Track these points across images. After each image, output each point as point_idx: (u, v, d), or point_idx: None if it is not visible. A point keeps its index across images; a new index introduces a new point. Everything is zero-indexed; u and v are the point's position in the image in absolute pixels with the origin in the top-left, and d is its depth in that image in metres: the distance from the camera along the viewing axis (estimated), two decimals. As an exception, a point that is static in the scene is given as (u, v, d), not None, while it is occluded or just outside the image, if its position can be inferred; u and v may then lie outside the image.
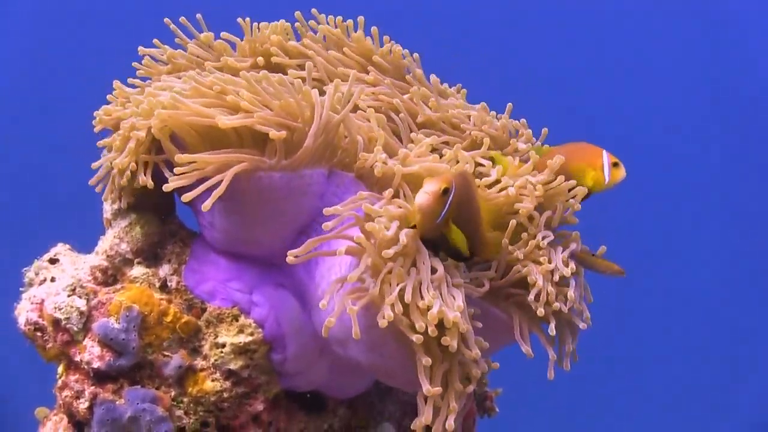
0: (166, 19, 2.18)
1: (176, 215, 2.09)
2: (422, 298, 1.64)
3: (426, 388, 1.65)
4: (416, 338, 1.62)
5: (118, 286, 1.98)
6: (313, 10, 2.28)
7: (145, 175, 1.88)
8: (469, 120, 2.17)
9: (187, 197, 1.78)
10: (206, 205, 1.75)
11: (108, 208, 2.07)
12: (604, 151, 2.07)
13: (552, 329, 1.86)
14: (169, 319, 1.92)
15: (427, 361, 1.64)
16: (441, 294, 1.67)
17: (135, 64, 2.16)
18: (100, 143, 2.01)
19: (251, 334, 1.91)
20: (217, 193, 1.73)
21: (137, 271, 1.99)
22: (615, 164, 2.07)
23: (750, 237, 7.35)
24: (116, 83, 2.05)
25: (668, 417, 6.86)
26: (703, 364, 7.06)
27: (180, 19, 2.20)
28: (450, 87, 2.30)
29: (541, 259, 1.88)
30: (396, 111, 2.15)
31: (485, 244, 1.85)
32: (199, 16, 2.20)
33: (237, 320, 1.93)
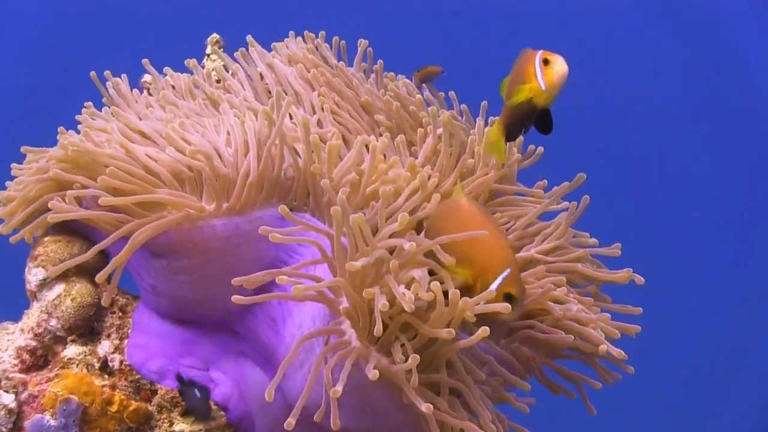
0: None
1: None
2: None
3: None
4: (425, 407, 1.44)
5: (52, 373, 1.78)
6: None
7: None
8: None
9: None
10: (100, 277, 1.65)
11: (32, 279, 1.86)
12: (538, 54, 1.72)
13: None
14: (114, 408, 1.74)
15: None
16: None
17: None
18: None
19: (213, 419, 1.71)
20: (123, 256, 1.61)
21: (72, 350, 1.80)
22: (546, 62, 1.72)
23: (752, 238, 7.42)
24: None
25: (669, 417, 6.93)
26: (702, 364, 7.13)
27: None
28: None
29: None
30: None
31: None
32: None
33: None
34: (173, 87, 2.10)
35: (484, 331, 1.44)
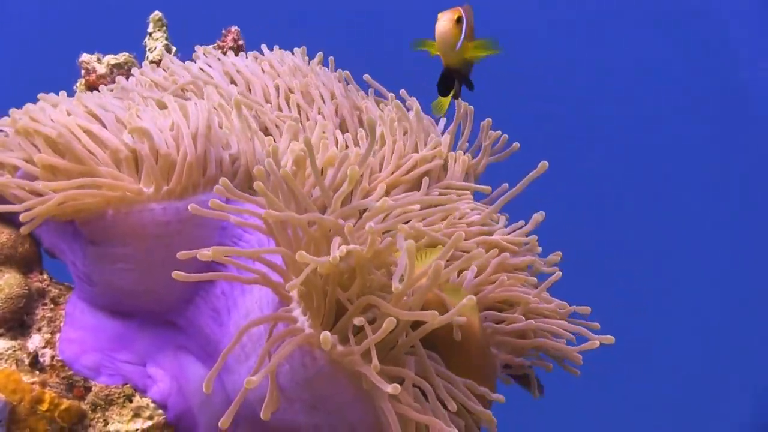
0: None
1: (43, 268, 1.81)
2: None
3: None
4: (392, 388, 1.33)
5: (-24, 369, 1.66)
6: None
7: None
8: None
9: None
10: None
11: (-46, 269, 1.75)
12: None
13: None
14: (44, 407, 1.64)
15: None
16: None
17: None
18: None
19: (150, 418, 1.65)
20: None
21: (0, 345, 1.69)
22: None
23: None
24: None
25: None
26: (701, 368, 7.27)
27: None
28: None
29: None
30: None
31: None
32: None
33: (131, 401, 1.66)
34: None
35: (470, 300, 1.36)
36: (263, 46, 2.17)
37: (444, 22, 1.86)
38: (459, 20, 1.89)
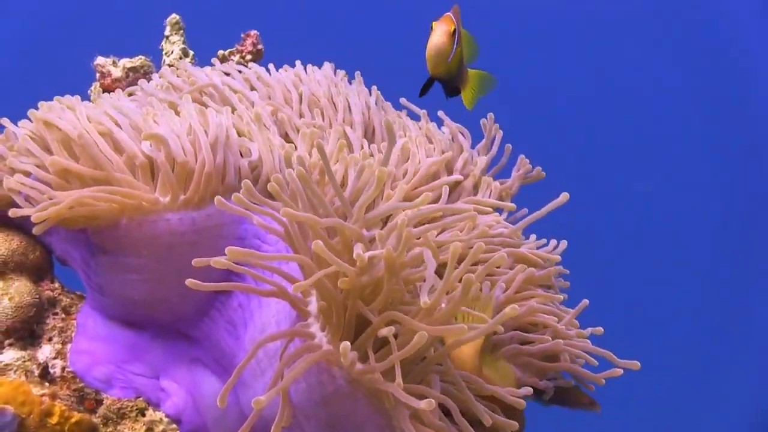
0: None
1: (54, 276, 1.78)
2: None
3: None
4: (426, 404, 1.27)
5: (-15, 380, 1.62)
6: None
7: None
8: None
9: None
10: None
11: (-36, 276, 1.72)
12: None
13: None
14: (54, 420, 1.61)
15: None
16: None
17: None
18: None
19: None
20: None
21: (9, 355, 1.66)
22: (431, 29, 1.91)
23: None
24: None
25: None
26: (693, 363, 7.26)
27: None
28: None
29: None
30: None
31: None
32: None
33: (144, 415, 1.63)
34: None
35: (512, 309, 1.29)
36: (297, 63, 2.14)
37: (439, 36, 1.87)
38: (453, 33, 1.89)
